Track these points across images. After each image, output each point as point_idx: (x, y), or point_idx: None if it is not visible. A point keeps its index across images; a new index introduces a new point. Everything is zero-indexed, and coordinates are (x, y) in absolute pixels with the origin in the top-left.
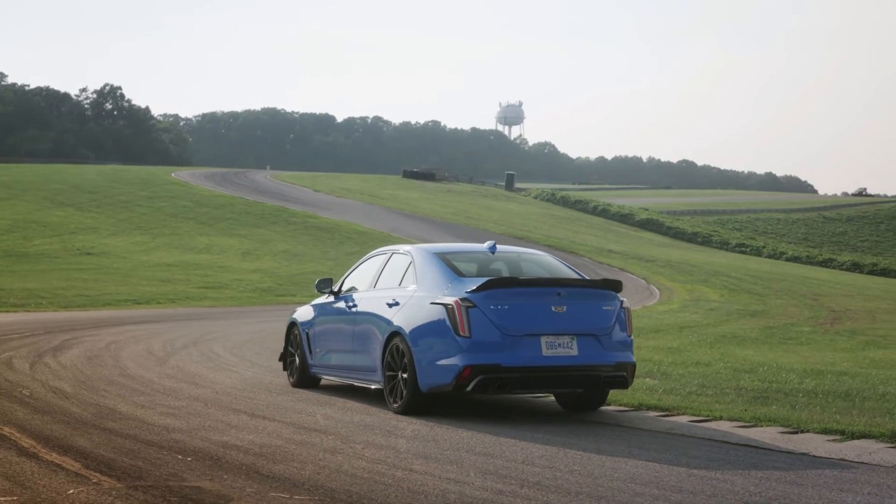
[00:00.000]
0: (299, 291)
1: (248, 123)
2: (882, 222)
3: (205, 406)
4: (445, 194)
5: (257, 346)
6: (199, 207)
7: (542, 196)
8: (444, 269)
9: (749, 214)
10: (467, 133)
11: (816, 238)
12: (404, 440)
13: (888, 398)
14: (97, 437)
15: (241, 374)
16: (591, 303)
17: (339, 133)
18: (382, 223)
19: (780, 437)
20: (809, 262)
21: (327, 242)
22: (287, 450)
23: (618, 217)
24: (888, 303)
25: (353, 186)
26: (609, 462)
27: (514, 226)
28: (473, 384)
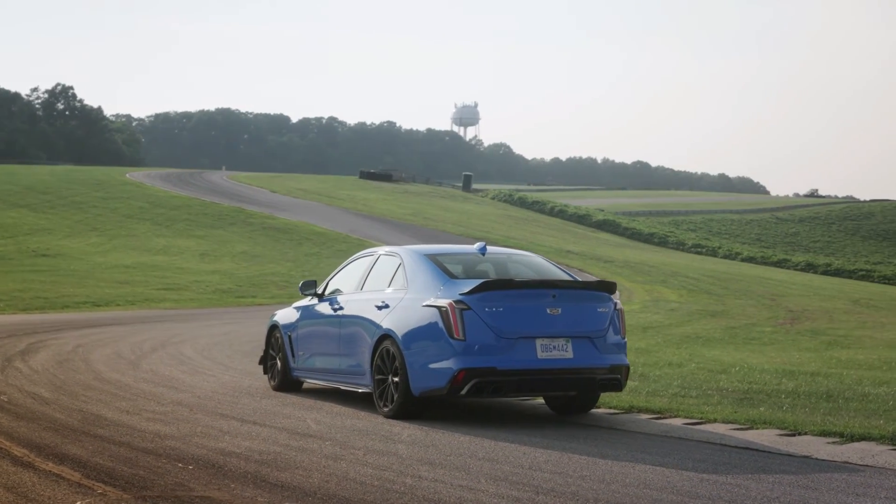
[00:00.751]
0: (259, 293)
1: (201, 124)
2: (834, 223)
3: (190, 411)
4: (402, 195)
5: (227, 348)
6: (156, 208)
7: (500, 197)
8: (436, 270)
9: (703, 215)
10: (423, 134)
11: (770, 239)
12: (403, 445)
13: (871, 399)
14: (90, 444)
15: (219, 378)
16: (586, 305)
17: (294, 134)
18: (341, 224)
19: (779, 439)
20: (764, 263)
21: (286, 243)
22: (288, 457)
23: (575, 218)
24: (844, 303)
25: (310, 187)
26: (616, 467)
27: (473, 227)
28: (468, 388)
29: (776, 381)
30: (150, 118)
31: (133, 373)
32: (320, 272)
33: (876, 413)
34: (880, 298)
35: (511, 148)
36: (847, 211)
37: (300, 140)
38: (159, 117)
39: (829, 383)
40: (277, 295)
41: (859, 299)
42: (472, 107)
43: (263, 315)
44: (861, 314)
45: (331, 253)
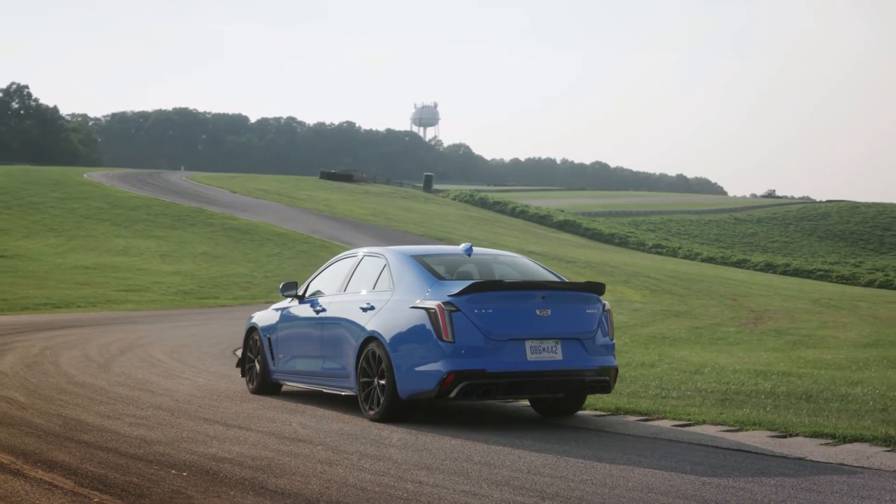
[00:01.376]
0: (222, 294)
1: (158, 124)
2: (791, 223)
3: (172, 416)
4: (364, 195)
5: (195, 350)
6: (114, 209)
7: (461, 197)
8: (423, 271)
9: (662, 216)
10: (382, 134)
11: (728, 239)
12: (396, 450)
13: (851, 399)
14: (76, 451)
15: (194, 381)
16: (575, 306)
17: (253, 134)
18: (302, 225)
19: (771, 441)
20: (724, 263)
21: (247, 244)
22: (281, 462)
23: (536, 218)
24: (804, 303)
25: (270, 187)
26: (615, 470)
27: (435, 227)
28: (457, 390)
29: (752, 381)
30: (106, 118)
31: (105, 376)
32: (283, 273)
33: (859, 413)
34: (839, 298)
35: (471, 148)
36: (804, 211)
37: (259, 140)
38: (116, 117)
39: (804, 383)
40: (240, 296)
41: (819, 299)
42: (431, 107)
43: (227, 317)
44: (822, 314)
45: (293, 254)
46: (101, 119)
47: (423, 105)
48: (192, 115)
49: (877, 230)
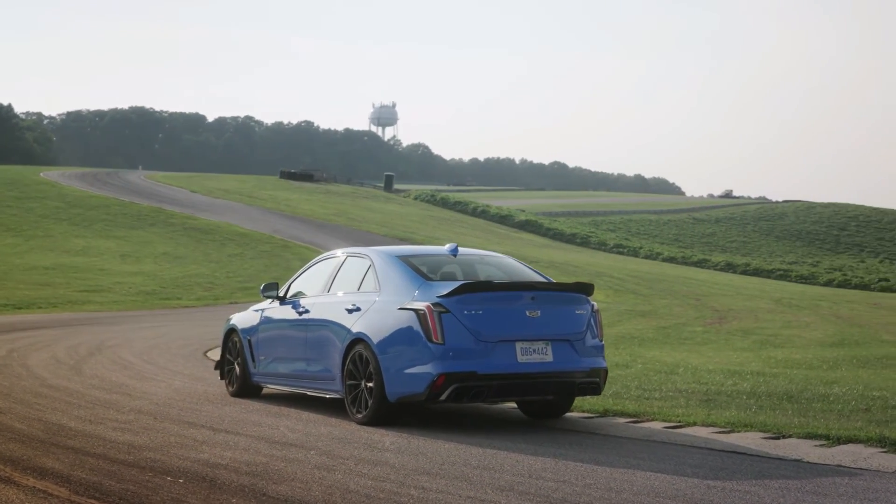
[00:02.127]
0: (185, 294)
1: (114, 122)
2: (749, 223)
3: (154, 420)
4: (325, 195)
5: (165, 352)
6: (72, 208)
7: (422, 197)
8: (410, 272)
9: (622, 216)
10: (341, 134)
11: (687, 239)
12: (391, 454)
13: (832, 399)
14: (64, 457)
15: (170, 384)
16: (564, 307)
17: (210, 133)
18: (264, 224)
19: (766, 442)
20: (685, 263)
21: (208, 244)
22: (277, 468)
23: (497, 218)
24: (766, 302)
25: (230, 187)
26: (617, 474)
27: (397, 227)
28: (448, 393)
29: (729, 381)
30: (61, 116)
31: (79, 379)
32: (245, 274)
33: (843, 413)
34: (800, 298)
35: (429, 148)
36: (761, 212)
37: (216, 139)
38: (71, 115)
39: (781, 384)
40: (203, 297)
41: (781, 299)
42: (390, 107)
43: (192, 318)
44: (784, 313)
45: (255, 254)
46: (57, 118)
47: (381, 105)
48: (148, 113)
49: (833, 230)
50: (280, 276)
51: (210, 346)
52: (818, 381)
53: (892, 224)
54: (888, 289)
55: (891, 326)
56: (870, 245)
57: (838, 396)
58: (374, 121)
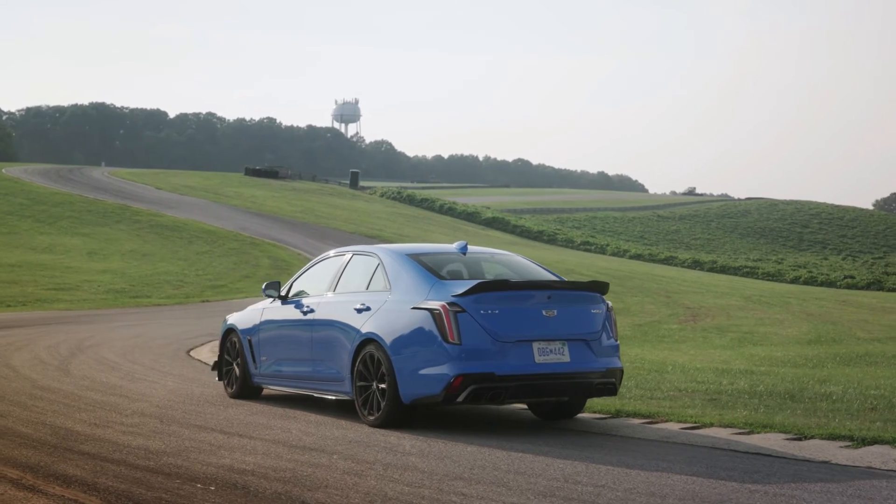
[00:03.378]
0: (154, 293)
1: (75, 118)
2: (713, 221)
3: (161, 423)
4: (291, 192)
5: (147, 351)
6: (37, 205)
7: (388, 194)
8: (422, 271)
9: (587, 213)
10: (304, 131)
11: (652, 236)
12: (415, 458)
13: (835, 399)
14: (83, 463)
15: (163, 385)
16: (581, 306)
17: (172, 129)
18: (230, 222)
19: (789, 444)
20: (652, 260)
21: (176, 241)
22: (305, 473)
23: (464, 216)
24: (737, 299)
25: (195, 184)
26: (654, 478)
27: (365, 224)
28: (465, 394)
29: (725, 380)
30: (20, 112)
31: (69, 380)
32: (214, 271)
33: (850, 412)
34: (770, 295)
35: (393, 145)
36: (724, 209)
37: (178, 136)
38: (30, 111)
39: (776, 383)
40: (173, 295)
41: (751, 296)
42: (353, 103)
43: (165, 316)
44: (755, 311)
45: (223, 251)
46: (16, 113)
47: (344, 101)
48: (109, 109)
49: (796, 227)
50: (250, 273)
51: (192, 345)
52: (811, 380)
53: (854, 222)
54: (853, 286)
55: (863, 324)
56: (832, 242)
57: (840, 396)
58: (337, 117)
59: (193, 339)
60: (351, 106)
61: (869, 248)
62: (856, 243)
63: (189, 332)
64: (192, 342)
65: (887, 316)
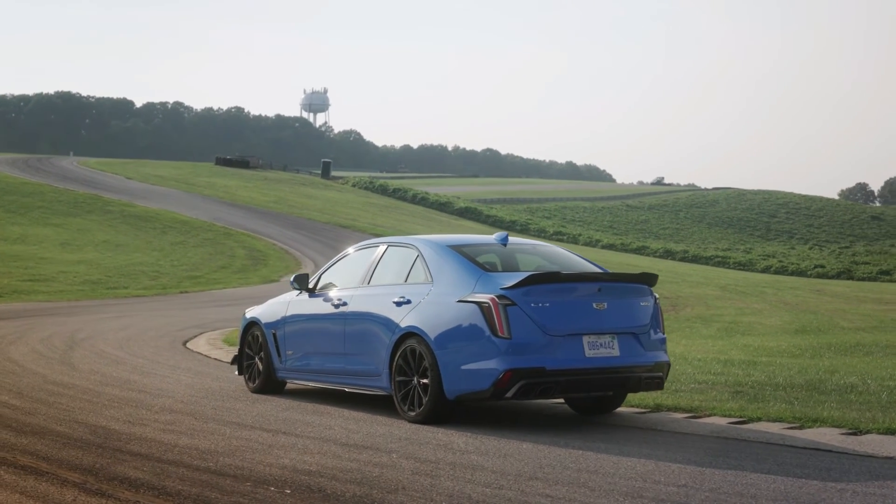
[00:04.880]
0: (131, 284)
1: (40, 107)
2: (681, 210)
3: (197, 420)
4: (262, 182)
5: (143, 344)
6: (6, 195)
7: (360, 184)
8: (466, 263)
9: (556, 203)
10: (272, 120)
11: (621, 226)
12: (477, 456)
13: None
14: (140, 465)
15: (177, 379)
16: (631, 299)
17: (138, 118)
18: (203, 212)
19: (848, 439)
20: (625, 250)
21: (149, 232)
22: (374, 474)
23: (436, 206)
24: (712, 289)
25: (166, 174)
26: (731, 477)
27: (339, 214)
28: (514, 390)
29: (740, 371)
30: None
31: (78, 374)
32: (190, 262)
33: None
34: (744, 284)
35: (361, 135)
36: (692, 199)
37: (145, 125)
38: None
39: (789, 374)
40: (150, 286)
41: (726, 285)
42: (321, 93)
43: (146, 307)
44: (733, 300)
45: (198, 242)
46: None
47: (312, 91)
48: (74, 98)
49: (763, 217)
50: (226, 264)
51: (184, 336)
52: (820, 371)
53: (821, 212)
54: (824, 275)
55: (842, 313)
56: (800, 232)
57: (863, 388)
58: (306, 107)
59: (183, 330)
60: (319, 95)
61: (835, 237)
62: (822, 233)
63: (176, 323)
64: (184, 334)
65: (863, 305)
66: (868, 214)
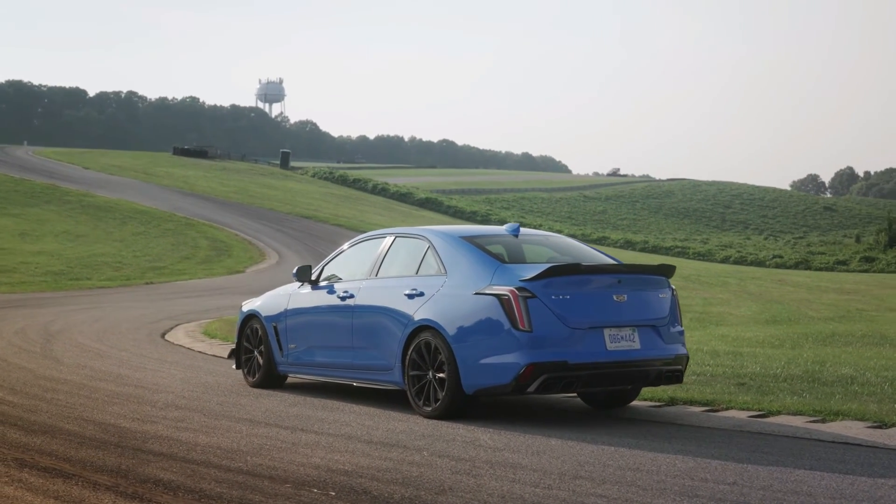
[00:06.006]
0: (94, 275)
1: None
2: (637, 201)
3: (207, 417)
4: (222, 172)
5: (122, 337)
6: None
7: (320, 175)
8: (481, 254)
9: (515, 194)
10: (227, 110)
11: (579, 216)
12: (510, 454)
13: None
14: (168, 466)
15: (170, 374)
16: (650, 291)
17: (92, 108)
18: (163, 202)
19: (875, 432)
20: (585, 241)
21: (109, 222)
22: (413, 474)
23: (397, 196)
24: (676, 280)
25: (124, 164)
26: (778, 474)
27: (300, 205)
28: (537, 384)
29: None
30: None
31: (66, 369)
32: (152, 252)
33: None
34: (707, 275)
35: (317, 125)
36: (648, 190)
37: (98, 115)
38: None
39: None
40: (114, 277)
41: (689, 276)
42: (276, 83)
43: (112, 298)
44: (698, 290)
45: (159, 232)
46: None
47: (268, 81)
48: (26, 87)
49: (718, 208)
50: (190, 255)
51: (160, 328)
52: (809, 362)
53: (775, 202)
54: (782, 265)
55: (807, 303)
56: (754, 223)
57: (865, 379)
58: (261, 97)
59: (157, 322)
60: (275, 85)
61: (790, 228)
62: (777, 223)
63: (148, 315)
64: (159, 326)
65: (825, 295)
66: (821, 205)
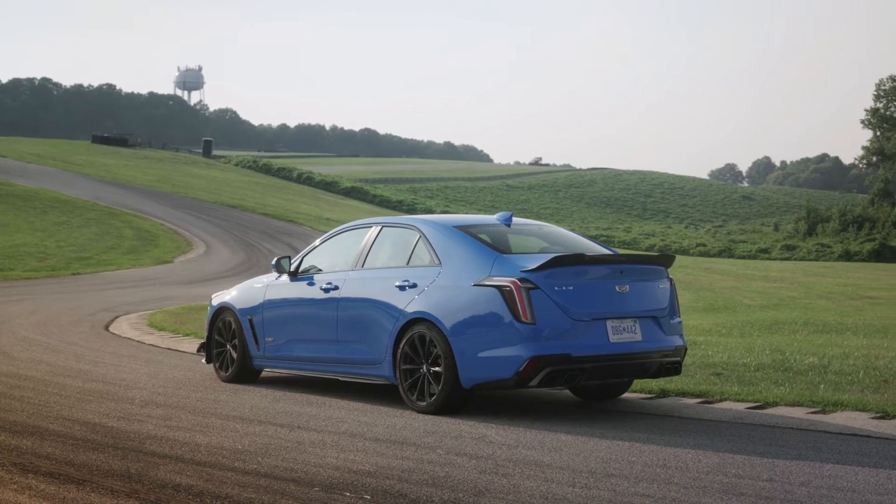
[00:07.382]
0: (17, 265)
1: None
2: (560, 190)
3: (192, 414)
4: (143, 160)
5: (64, 329)
6: None
7: (243, 163)
8: (478, 244)
9: (438, 183)
10: (145, 98)
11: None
12: (528, 451)
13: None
14: (181, 469)
15: (133, 368)
16: (650, 281)
17: (4, 95)
18: (84, 191)
19: (881, 423)
20: None
21: (29, 212)
22: (440, 474)
23: (322, 185)
24: None
25: (42, 151)
26: (809, 468)
27: (224, 194)
28: (540, 377)
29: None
30: None
31: (22, 364)
32: (77, 243)
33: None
34: None
35: (238, 113)
36: (570, 179)
37: (11, 102)
38: None
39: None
40: (38, 268)
41: None
42: (196, 71)
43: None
44: None
45: (82, 222)
46: None
47: (186, 68)
48: None
49: (639, 196)
50: (115, 245)
51: (100, 320)
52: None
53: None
54: (706, 254)
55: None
56: (675, 212)
57: (837, 367)
58: (180, 85)
59: (96, 314)
60: (194, 73)
61: (709, 216)
62: (696, 212)
63: (85, 307)
64: (99, 318)
65: (753, 283)
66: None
